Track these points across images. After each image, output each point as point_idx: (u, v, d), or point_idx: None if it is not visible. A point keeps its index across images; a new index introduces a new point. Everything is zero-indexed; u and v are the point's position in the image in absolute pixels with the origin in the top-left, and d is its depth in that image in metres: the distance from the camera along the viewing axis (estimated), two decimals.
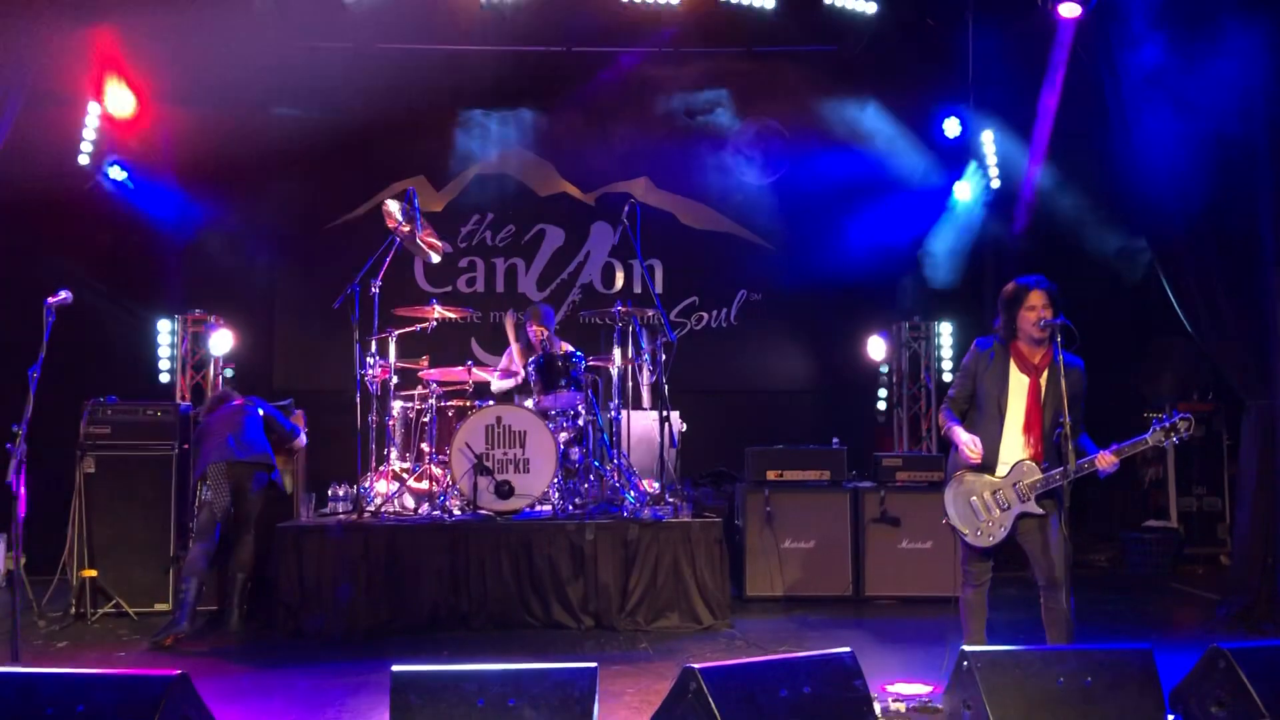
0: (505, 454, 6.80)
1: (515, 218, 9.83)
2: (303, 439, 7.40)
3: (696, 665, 3.49)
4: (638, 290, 9.76)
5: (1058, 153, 8.55)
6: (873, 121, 9.40)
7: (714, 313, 10.01)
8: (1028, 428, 4.66)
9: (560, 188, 9.92)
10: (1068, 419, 4.45)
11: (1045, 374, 4.67)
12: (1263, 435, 6.75)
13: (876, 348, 9.46)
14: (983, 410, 4.76)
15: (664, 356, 7.45)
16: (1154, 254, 7.38)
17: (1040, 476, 4.57)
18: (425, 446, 7.23)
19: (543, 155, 9.83)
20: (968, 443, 4.66)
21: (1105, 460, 4.43)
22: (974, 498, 4.69)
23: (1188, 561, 9.00)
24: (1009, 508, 4.63)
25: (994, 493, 4.66)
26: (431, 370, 7.52)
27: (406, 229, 7.12)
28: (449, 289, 9.59)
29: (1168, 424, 4.45)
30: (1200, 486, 9.36)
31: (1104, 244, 8.49)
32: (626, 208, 7.73)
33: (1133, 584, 8.37)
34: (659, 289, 9.86)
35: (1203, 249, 7.00)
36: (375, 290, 7.00)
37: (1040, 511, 4.59)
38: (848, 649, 3.76)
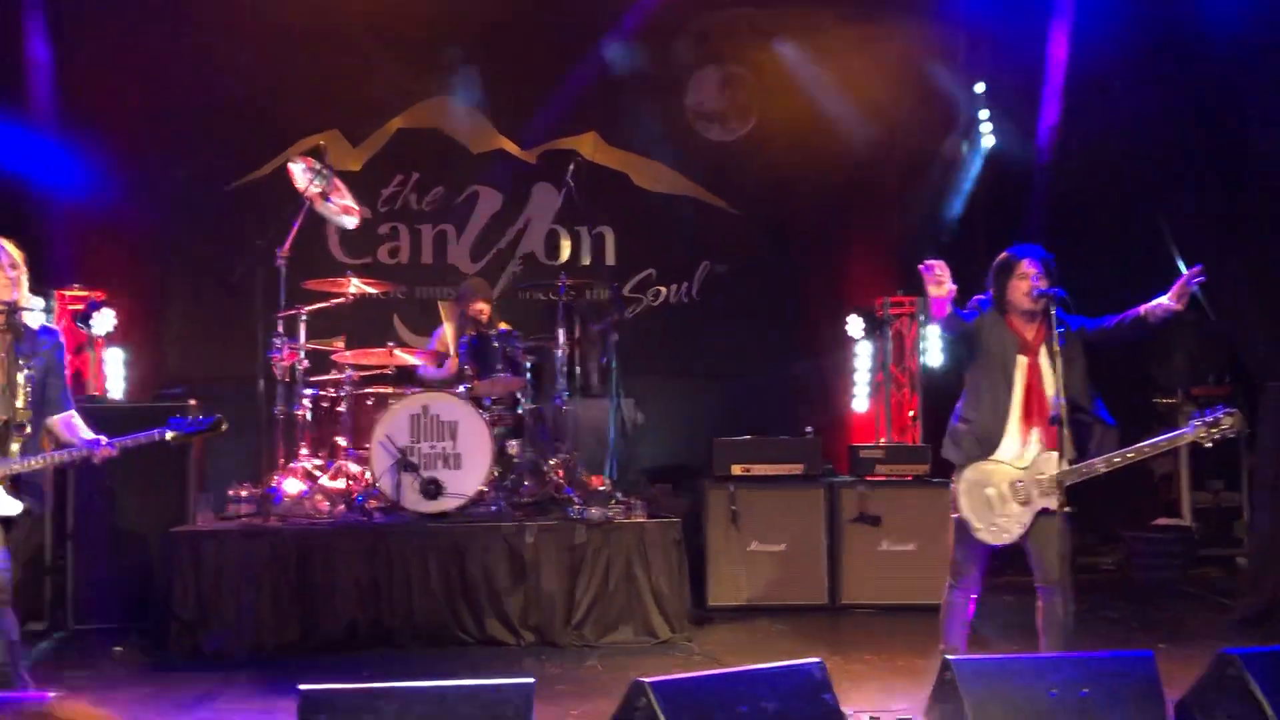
0: (433, 448, 6.78)
1: (444, 178, 9.74)
2: None
3: (648, 679, 3.54)
4: (586, 261, 9.75)
5: (1062, 112, 8.67)
6: (851, 70, 9.47)
7: (673, 287, 10.00)
8: (1027, 412, 4.79)
9: (496, 144, 9.85)
10: (1063, 400, 4.57)
11: (1041, 352, 4.79)
12: None
13: (856, 326, 9.54)
14: (987, 374, 4.87)
15: (616, 336, 7.48)
16: (1166, 224, 7.55)
17: (1066, 470, 4.65)
18: (340, 440, 7.21)
19: (476, 107, 9.78)
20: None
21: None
22: (990, 489, 4.78)
23: (1203, 563, 9.17)
24: (1029, 502, 4.73)
25: (1012, 484, 4.75)
26: (347, 353, 7.49)
27: (317, 191, 7.09)
28: (368, 260, 9.45)
29: (1210, 419, 4.54)
30: (1216, 480, 9.53)
31: (1114, 212, 8.64)
32: (572, 167, 7.77)
33: (1141, 589, 8.54)
34: (610, 260, 9.85)
35: (1215, 219, 7.16)
36: (281, 261, 6.95)
37: (1058, 510, 4.67)
38: (817, 659, 3.83)
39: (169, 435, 4.61)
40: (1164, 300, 4.72)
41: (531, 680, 3.58)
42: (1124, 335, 4.90)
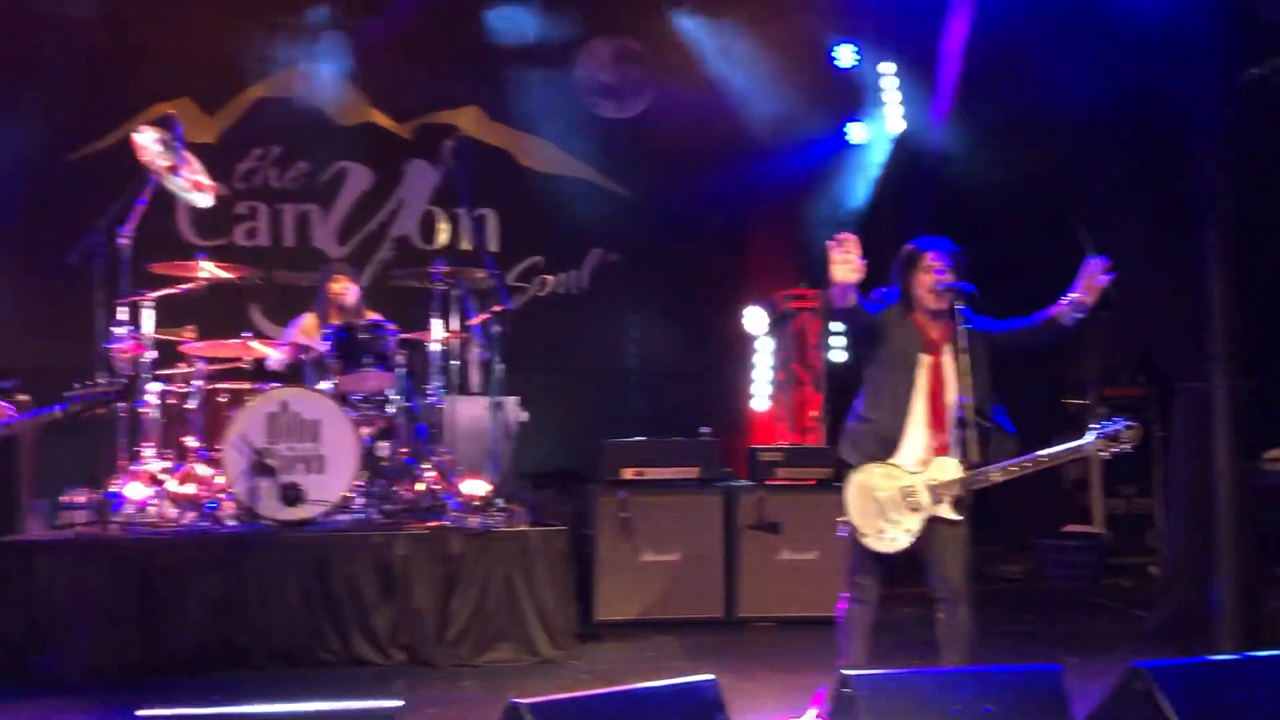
0: (293, 450, 6.71)
1: (309, 153, 9.66)
2: None
3: (524, 700, 3.53)
4: (466, 246, 9.72)
5: (968, 95, 8.85)
6: (751, 47, 9.57)
7: (562, 275, 10.06)
8: (929, 414, 4.89)
9: (367, 116, 9.79)
10: (968, 401, 4.68)
11: (945, 351, 4.90)
12: (1196, 424, 7.15)
13: (755, 319, 9.64)
14: (889, 372, 4.94)
15: (498, 328, 7.46)
16: (1077, 215, 7.75)
17: (960, 477, 4.76)
18: (190, 440, 7.09)
19: (345, 75, 9.67)
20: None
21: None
22: (880, 493, 4.86)
23: (1114, 572, 9.48)
24: (919, 509, 4.82)
25: (904, 490, 4.84)
26: (198, 344, 7.36)
27: (165, 165, 6.96)
28: (222, 241, 9.38)
29: (1109, 431, 4.70)
30: (1128, 485, 9.85)
31: (1020, 203, 8.85)
32: (451, 143, 7.72)
33: (1050, 599, 8.80)
34: (493, 245, 9.83)
35: (1131, 208, 7.38)
36: (125, 241, 6.82)
37: (955, 518, 4.80)
38: (710, 677, 3.86)
39: (72, 408, 4.45)
40: (1071, 296, 4.84)
41: (400, 703, 3.54)
42: (1036, 339, 5.01)
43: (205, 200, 7.45)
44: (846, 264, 4.66)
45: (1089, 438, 4.74)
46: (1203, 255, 6.93)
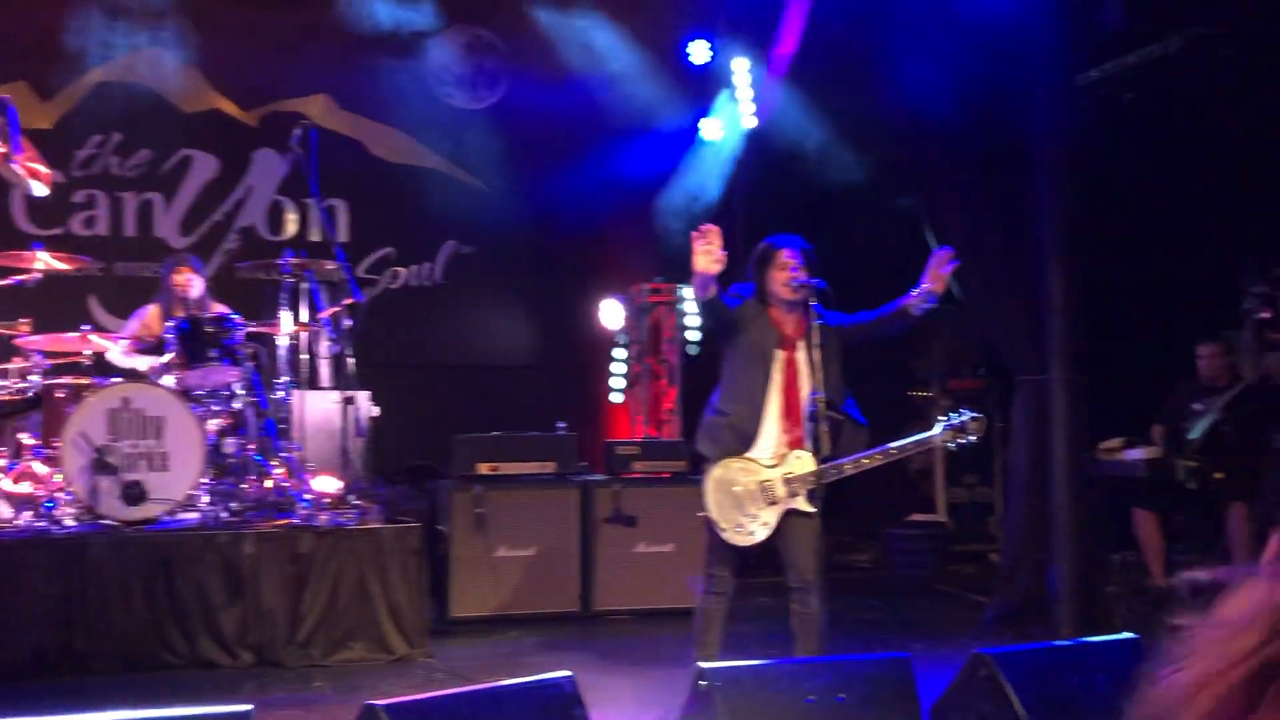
0: (135, 447, 6.54)
1: (151, 140, 9.44)
2: None
3: (380, 702, 3.50)
4: (315, 237, 9.59)
5: (817, 91, 9.01)
6: (606, 41, 9.61)
7: (414, 268, 9.98)
8: (784, 408, 4.98)
9: (212, 103, 9.60)
10: (820, 395, 4.79)
11: (800, 346, 4.99)
12: (1035, 415, 7.43)
13: (611, 314, 9.68)
14: (746, 366, 5.02)
15: (349, 322, 7.36)
16: (921, 209, 7.97)
17: (813, 470, 4.85)
18: (25, 437, 6.87)
19: (189, 60, 9.44)
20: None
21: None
22: (737, 487, 4.94)
23: (957, 560, 9.78)
24: (776, 503, 4.91)
25: (761, 484, 4.92)
26: (35, 337, 7.14)
27: None
28: (59, 231, 9.12)
29: (956, 423, 4.86)
30: (970, 475, 10.17)
31: (865, 196, 9.06)
32: (299, 131, 7.58)
33: (896, 586, 9.05)
34: (343, 236, 9.71)
35: (972, 205, 7.61)
36: None
37: (809, 510, 4.89)
38: (567, 673, 3.87)
39: None
40: (921, 287, 4.99)
41: (250, 706, 3.49)
42: (886, 330, 5.16)
43: (41, 188, 7.21)
44: (708, 255, 4.73)
45: (937, 429, 4.90)
46: (1041, 253, 7.19)
